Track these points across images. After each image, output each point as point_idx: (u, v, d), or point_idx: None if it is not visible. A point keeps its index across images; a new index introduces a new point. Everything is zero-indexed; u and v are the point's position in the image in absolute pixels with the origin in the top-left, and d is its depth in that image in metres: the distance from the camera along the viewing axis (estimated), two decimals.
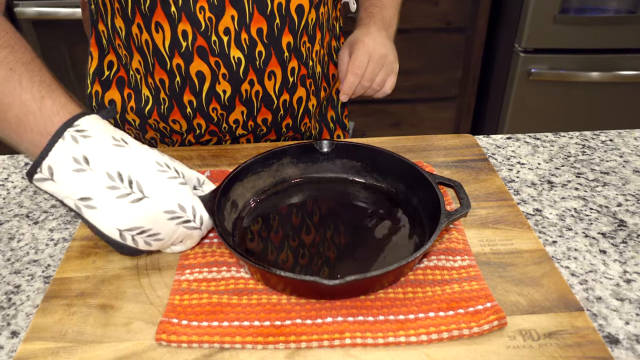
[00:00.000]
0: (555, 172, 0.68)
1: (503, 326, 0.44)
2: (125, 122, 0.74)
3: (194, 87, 0.66)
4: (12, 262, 0.54)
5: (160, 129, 0.73)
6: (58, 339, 0.44)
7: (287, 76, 0.69)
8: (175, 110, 0.69)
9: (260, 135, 0.75)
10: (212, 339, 0.43)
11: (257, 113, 0.70)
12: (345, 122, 0.88)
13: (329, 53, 0.78)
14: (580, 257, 0.54)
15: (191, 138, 0.73)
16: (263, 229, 0.55)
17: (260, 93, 0.68)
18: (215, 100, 0.67)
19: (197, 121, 0.70)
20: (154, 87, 0.69)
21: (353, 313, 0.45)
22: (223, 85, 0.66)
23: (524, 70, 1.63)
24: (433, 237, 0.47)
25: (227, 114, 0.69)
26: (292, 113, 0.73)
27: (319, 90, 0.76)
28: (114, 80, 0.72)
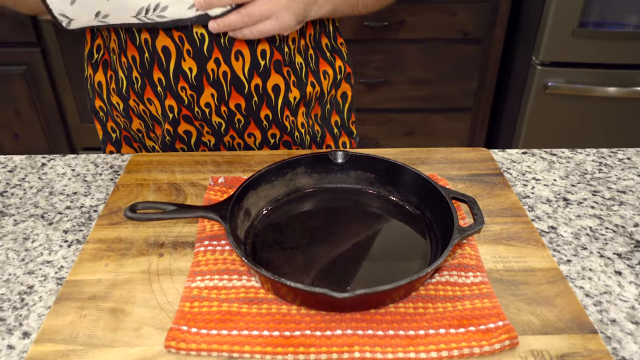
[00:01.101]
0: (571, 189, 0.67)
1: (515, 346, 0.44)
2: (111, 106, 0.76)
3: (162, 64, 0.68)
4: (26, 263, 0.55)
5: (141, 113, 0.74)
6: (69, 341, 0.44)
7: (257, 58, 0.68)
8: (148, 88, 0.70)
9: (241, 128, 0.74)
10: (221, 348, 0.43)
11: (228, 97, 0.70)
12: (352, 128, 0.87)
13: (319, 49, 0.77)
14: (595, 277, 0.54)
15: (169, 127, 0.73)
16: (275, 239, 0.55)
17: (228, 74, 0.68)
18: (182, 78, 0.68)
19: (168, 102, 0.71)
20: (127, 67, 0.70)
21: (363, 326, 0.45)
22: (189, 63, 0.67)
23: (540, 83, 1.62)
24: (445, 252, 0.47)
25: (197, 95, 0.70)
26: (268, 102, 0.72)
27: (304, 84, 0.74)
28: (100, 62, 0.75)
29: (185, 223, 0.58)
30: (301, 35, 0.72)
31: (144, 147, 0.81)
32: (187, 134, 0.74)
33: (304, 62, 0.74)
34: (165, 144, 0.76)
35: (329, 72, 0.78)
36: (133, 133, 0.78)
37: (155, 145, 0.79)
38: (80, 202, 0.64)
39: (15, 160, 0.73)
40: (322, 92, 0.79)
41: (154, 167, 0.68)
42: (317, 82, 0.77)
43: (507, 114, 1.85)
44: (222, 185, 0.62)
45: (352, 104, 0.85)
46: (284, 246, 0.54)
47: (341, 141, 0.86)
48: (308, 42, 0.74)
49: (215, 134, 0.74)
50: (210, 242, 0.54)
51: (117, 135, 0.80)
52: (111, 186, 0.66)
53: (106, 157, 0.73)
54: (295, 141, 0.78)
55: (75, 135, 1.91)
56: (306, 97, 0.76)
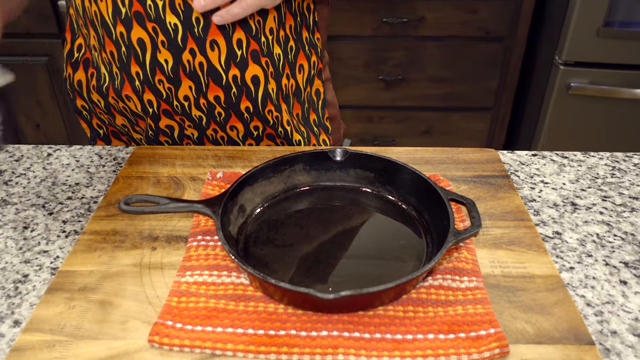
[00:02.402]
0: (581, 193, 0.65)
1: (505, 355, 0.42)
2: (94, 104, 0.76)
3: (138, 57, 0.67)
4: (23, 252, 0.55)
5: (122, 110, 0.74)
6: (56, 332, 0.45)
7: (233, 48, 0.67)
8: (126, 84, 0.70)
9: (222, 121, 0.73)
10: (204, 345, 0.42)
11: (206, 89, 0.69)
12: (327, 124, 0.85)
13: (299, 41, 0.75)
14: (598, 286, 0.52)
15: (151, 122, 0.73)
16: (269, 236, 0.54)
17: (204, 65, 0.67)
18: (159, 71, 0.68)
19: (147, 97, 0.70)
20: (107, 62, 0.70)
21: (349, 328, 0.44)
22: (164, 54, 0.66)
23: (563, 83, 1.57)
24: (437, 256, 0.45)
25: (174, 88, 0.69)
26: (248, 94, 0.71)
27: (280, 75, 0.73)
28: (81, 61, 0.75)
29: (180, 217, 0.58)
30: (280, 26, 0.71)
31: (133, 140, 0.82)
32: (170, 128, 0.74)
33: (282, 53, 0.72)
34: (149, 138, 0.77)
35: (305, 66, 0.77)
36: (119, 128, 0.79)
37: (142, 137, 0.79)
38: (82, 192, 0.64)
39: (23, 150, 0.74)
40: (298, 87, 0.78)
41: (156, 160, 0.68)
42: (292, 75, 0.76)
43: (528, 115, 1.80)
44: (221, 180, 0.62)
45: (324, 100, 0.84)
46: (277, 244, 0.53)
47: (321, 139, 0.85)
48: (288, 33, 0.73)
49: (197, 127, 0.74)
50: (204, 237, 0.53)
51: (104, 131, 0.81)
52: (113, 178, 0.67)
53: (111, 148, 0.74)
54: (279, 135, 0.76)
55: None
56: (283, 90, 0.74)
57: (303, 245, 0.53)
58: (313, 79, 0.80)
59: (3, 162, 0.71)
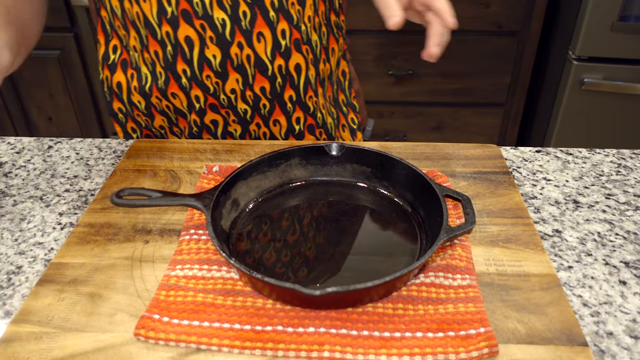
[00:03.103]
0: (584, 191, 0.63)
1: (494, 355, 0.41)
2: (132, 106, 0.75)
3: (185, 54, 0.68)
4: (18, 243, 0.56)
5: (164, 109, 0.74)
6: (44, 324, 0.45)
7: (277, 39, 0.68)
8: (172, 82, 0.70)
9: (266, 114, 0.73)
10: (189, 339, 0.42)
11: (252, 80, 0.70)
12: (355, 103, 0.86)
13: (328, 25, 0.76)
14: (597, 286, 0.50)
15: (196, 118, 0.73)
16: (261, 231, 0.54)
17: (251, 57, 0.68)
18: (207, 66, 0.68)
19: (194, 93, 0.71)
20: (151, 62, 0.70)
21: (337, 325, 0.43)
22: (212, 50, 0.67)
23: (576, 79, 1.54)
24: (428, 253, 0.44)
25: (222, 82, 0.69)
26: (291, 82, 0.72)
27: (318, 61, 0.74)
28: (118, 62, 0.75)
29: (175, 211, 0.58)
30: (315, 13, 0.72)
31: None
32: (214, 123, 0.74)
33: (318, 39, 0.74)
34: (192, 134, 0.76)
35: (335, 49, 0.79)
36: (155, 130, 0.79)
37: (178, 138, 0.79)
38: (80, 185, 0.65)
39: (24, 142, 0.74)
40: (331, 70, 0.79)
41: (153, 153, 0.68)
42: (327, 60, 0.77)
43: (541, 111, 1.77)
44: (217, 173, 0.62)
45: (350, 80, 0.85)
46: (270, 238, 0.53)
47: (350, 118, 0.85)
48: (321, 19, 0.74)
49: (241, 121, 0.74)
50: (196, 231, 0.53)
51: (138, 135, 0.81)
52: (112, 171, 0.67)
53: (111, 141, 0.74)
54: (318, 123, 0.78)
55: (105, 120, 1.95)
56: (320, 75, 0.76)
57: (296, 241, 0.53)
58: (339, 60, 0.81)
59: (4, 154, 0.71)
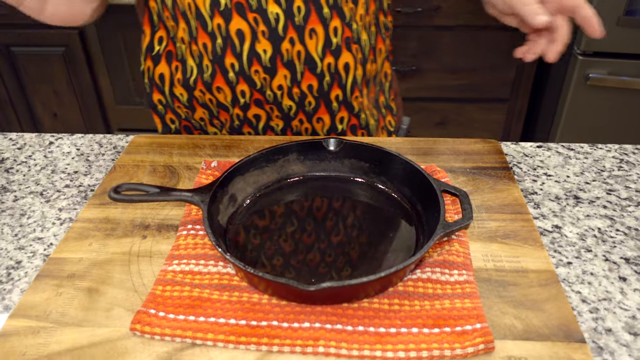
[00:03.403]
0: (585, 186, 0.63)
1: (490, 351, 0.41)
2: (174, 98, 0.75)
3: (235, 48, 0.67)
4: (18, 238, 0.56)
5: (206, 102, 0.73)
6: (42, 318, 0.45)
7: (329, 36, 0.67)
8: (219, 76, 0.69)
9: (310, 111, 0.73)
10: (185, 334, 0.42)
11: (301, 77, 0.69)
12: (392, 105, 0.85)
13: (377, 25, 0.75)
14: (596, 282, 0.50)
15: (239, 112, 0.73)
16: (259, 226, 0.54)
17: (302, 54, 0.67)
18: (256, 61, 0.67)
19: (240, 88, 0.70)
20: (198, 55, 0.70)
21: (332, 320, 0.43)
22: (263, 44, 0.66)
23: (581, 74, 1.53)
24: (424, 248, 0.44)
25: (270, 78, 0.69)
26: (339, 81, 0.71)
27: (366, 61, 0.73)
28: (163, 54, 0.74)
29: (173, 206, 0.58)
30: (366, 12, 0.71)
31: (205, 134, 0.80)
32: (257, 118, 0.74)
33: (367, 39, 0.73)
34: (232, 128, 0.76)
35: (382, 49, 0.78)
36: (194, 122, 0.78)
37: (217, 131, 0.79)
38: (80, 181, 0.65)
39: (26, 138, 0.74)
40: (376, 71, 0.78)
41: (153, 149, 0.68)
42: (374, 60, 0.76)
43: (546, 106, 1.76)
44: (215, 169, 0.62)
45: (391, 82, 0.84)
46: (267, 234, 0.53)
47: (387, 120, 0.84)
48: (371, 19, 0.74)
49: (285, 117, 0.74)
50: (194, 226, 0.53)
51: (176, 126, 0.80)
52: (111, 166, 0.67)
53: (111, 137, 0.74)
54: (361, 124, 0.77)
55: (111, 116, 1.96)
56: (366, 75, 0.75)
57: (294, 236, 0.52)
58: (384, 61, 0.80)
59: (6, 150, 0.72)
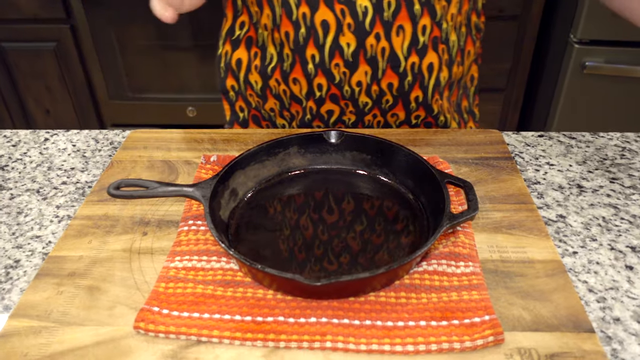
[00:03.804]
0: (588, 175, 0.62)
1: (499, 343, 0.41)
2: (247, 85, 0.73)
3: (318, 39, 0.65)
4: (16, 237, 0.55)
5: (279, 94, 0.71)
6: (43, 318, 0.44)
7: (417, 34, 0.65)
8: (297, 67, 0.68)
9: (386, 108, 0.71)
10: (190, 331, 0.42)
11: (382, 75, 0.67)
12: (476, 111, 0.83)
13: (468, 26, 0.73)
14: (602, 271, 0.49)
15: (312, 105, 0.71)
16: (261, 220, 0.53)
17: (386, 51, 0.65)
18: (338, 54, 0.65)
19: (318, 81, 0.68)
20: (279, 43, 0.68)
21: (339, 315, 0.43)
22: (347, 37, 0.64)
23: (578, 62, 1.52)
24: (430, 240, 0.44)
25: (350, 73, 0.67)
26: (421, 82, 0.69)
27: (452, 63, 0.71)
28: (243, 39, 0.73)
29: (173, 202, 0.57)
30: (459, 11, 0.69)
31: (274, 126, 0.79)
32: (329, 113, 0.72)
33: (457, 40, 0.70)
34: (303, 122, 0.74)
35: (471, 52, 0.75)
36: (263, 112, 0.77)
37: (286, 123, 0.77)
38: (77, 177, 0.64)
39: (20, 135, 0.73)
40: (462, 74, 0.76)
41: (150, 144, 0.67)
42: (461, 63, 0.74)
43: (542, 96, 1.76)
44: (215, 163, 0.61)
45: (477, 87, 0.81)
46: (270, 228, 0.52)
47: (469, 127, 0.82)
48: (463, 19, 0.71)
49: (358, 113, 0.72)
50: (195, 221, 0.53)
51: (244, 115, 0.79)
52: (109, 162, 0.66)
53: (107, 133, 0.73)
54: (438, 124, 0.75)
55: (104, 111, 1.94)
56: (450, 78, 0.72)
57: (296, 230, 0.52)
58: (471, 64, 0.77)
59: (0, 147, 0.70)
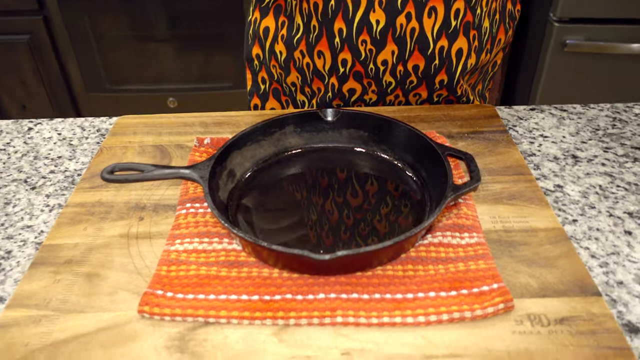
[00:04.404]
0: (581, 146, 0.63)
1: (509, 310, 0.41)
2: (272, 55, 0.72)
3: (347, 13, 0.63)
4: (5, 228, 0.53)
5: (303, 67, 0.70)
6: (41, 307, 0.43)
7: (449, 17, 0.63)
8: (324, 39, 0.66)
9: (409, 89, 0.69)
10: (196, 313, 0.41)
11: (408, 56, 0.65)
12: (486, 95, 0.82)
13: (502, 13, 0.71)
14: (603, 237, 0.50)
15: (334, 82, 0.69)
16: (260, 200, 0.52)
17: (416, 31, 0.63)
18: (366, 30, 0.64)
19: (343, 56, 0.66)
20: (307, 14, 0.66)
21: (347, 290, 0.42)
22: (377, 14, 0.62)
23: (558, 41, 1.54)
24: (436, 211, 0.43)
25: (376, 50, 0.65)
26: (448, 67, 0.67)
27: (481, 50, 0.69)
28: (272, 7, 0.71)
29: (168, 185, 0.56)
30: None
31: (293, 102, 0.77)
32: (350, 92, 0.70)
33: (489, 26, 0.69)
34: (323, 100, 0.72)
35: (502, 40, 0.73)
36: (285, 86, 0.75)
37: (306, 101, 0.75)
38: (65, 166, 0.62)
39: (1, 125, 0.71)
40: (487, 62, 0.74)
41: (140, 129, 0.66)
42: (490, 50, 0.72)
43: (523, 74, 1.77)
44: (208, 146, 0.59)
45: (495, 73, 0.80)
46: (269, 208, 0.51)
47: None
48: (498, 5, 0.69)
49: (380, 92, 0.70)
50: (192, 204, 0.51)
51: (265, 88, 0.77)
52: (97, 150, 0.64)
53: (93, 120, 0.71)
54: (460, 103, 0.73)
55: (82, 105, 1.90)
56: (478, 64, 0.71)
57: (296, 209, 0.51)
58: (499, 52, 0.76)
59: None
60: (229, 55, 1.77)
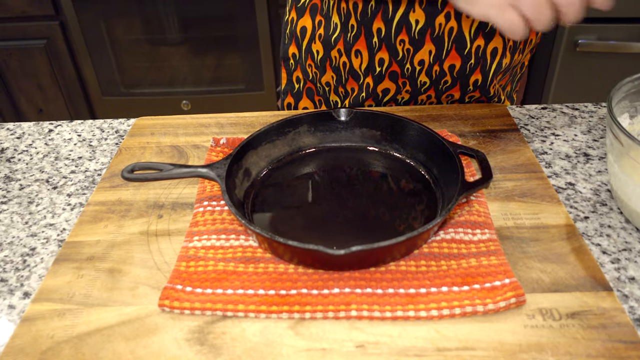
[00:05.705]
0: (593, 144, 0.63)
1: (521, 304, 0.41)
2: (309, 54, 0.73)
3: (387, 13, 0.64)
4: (29, 225, 0.55)
5: (339, 66, 0.71)
6: (65, 301, 0.44)
7: None
8: (362, 39, 0.67)
9: (443, 89, 0.70)
10: (215, 307, 0.42)
11: (445, 55, 0.66)
12: (514, 96, 0.83)
13: None
14: (614, 234, 0.50)
15: (370, 82, 0.70)
16: (276, 198, 0.53)
17: (454, 31, 0.64)
18: (405, 30, 0.65)
19: (380, 55, 0.67)
20: (345, 13, 0.67)
21: (361, 285, 0.43)
22: (417, 14, 0.63)
23: (570, 40, 1.53)
24: (449, 207, 0.44)
25: (414, 50, 0.66)
26: (483, 66, 0.68)
27: (515, 50, 0.70)
28: (308, 6, 0.72)
29: (185, 184, 0.57)
30: None
31: (326, 102, 0.78)
32: (384, 92, 0.71)
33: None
34: (356, 100, 0.73)
35: (533, 40, 0.74)
36: (319, 86, 0.76)
37: (339, 100, 0.76)
38: (85, 166, 0.64)
39: (24, 127, 0.73)
40: (518, 61, 0.75)
41: (157, 130, 0.67)
42: (522, 50, 0.73)
43: (535, 74, 1.77)
44: (224, 146, 0.61)
45: (523, 74, 0.81)
46: (285, 206, 0.52)
47: None
48: None
49: (414, 92, 0.71)
50: (210, 202, 0.53)
51: (300, 87, 0.78)
52: (116, 150, 0.66)
53: (112, 122, 0.73)
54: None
55: (97, 109, 1.93)
56: (511, 64, 0.72)
57: (311, 207, 0.52)
58: (528, 53, 0.77)
59: (5, 140, 0.70)
60: (241, 58, 1.79)
